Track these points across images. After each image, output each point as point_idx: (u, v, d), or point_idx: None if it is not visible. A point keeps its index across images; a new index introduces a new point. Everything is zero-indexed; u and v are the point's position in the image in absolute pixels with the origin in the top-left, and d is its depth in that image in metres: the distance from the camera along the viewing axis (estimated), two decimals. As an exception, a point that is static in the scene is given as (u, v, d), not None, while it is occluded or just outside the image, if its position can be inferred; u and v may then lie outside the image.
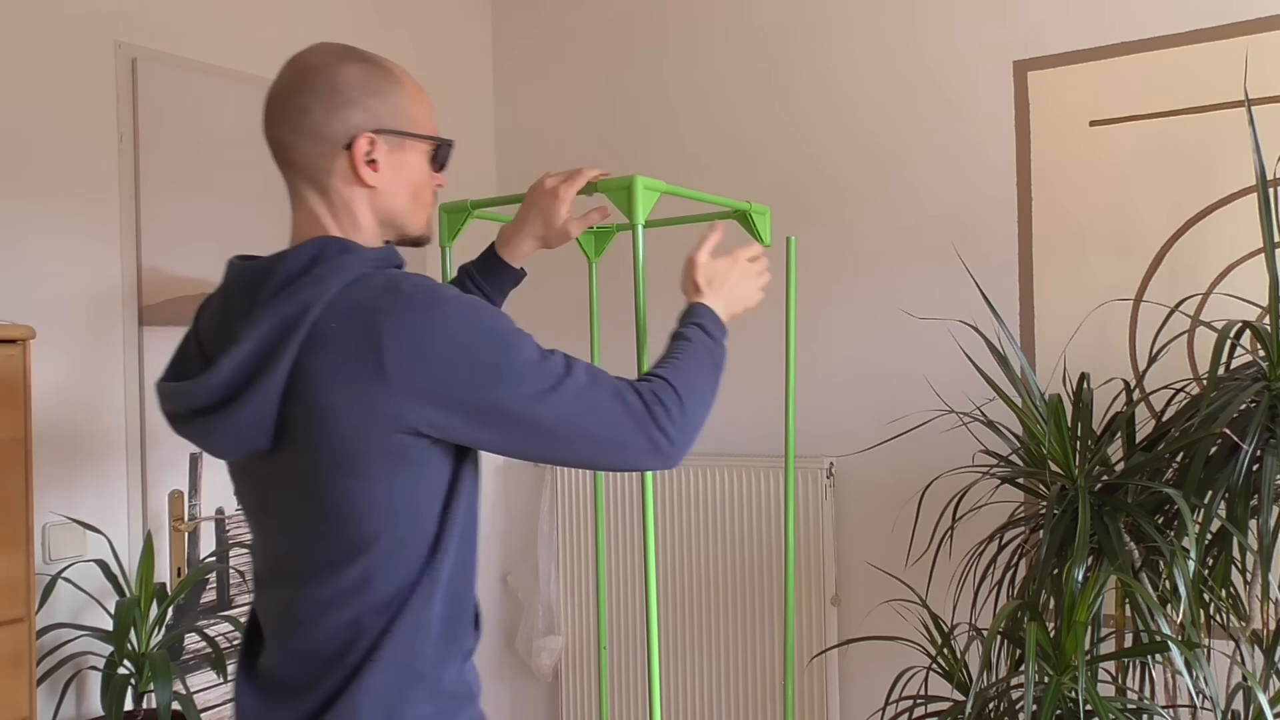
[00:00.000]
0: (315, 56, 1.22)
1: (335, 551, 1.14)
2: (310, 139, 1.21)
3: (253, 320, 1.13)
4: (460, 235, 1.88)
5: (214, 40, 2.49)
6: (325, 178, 1.24)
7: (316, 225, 1.26)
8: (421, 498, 1.18)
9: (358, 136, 1.21)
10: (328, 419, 1.09)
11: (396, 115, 1.25)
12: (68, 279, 2.20)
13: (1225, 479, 1.69)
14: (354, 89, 1.21)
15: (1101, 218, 2.32)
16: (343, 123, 1.21)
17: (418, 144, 1.29)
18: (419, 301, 1.14)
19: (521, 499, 3.23)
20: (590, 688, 2.97)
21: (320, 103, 1.19)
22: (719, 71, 2.86)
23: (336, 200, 1.25)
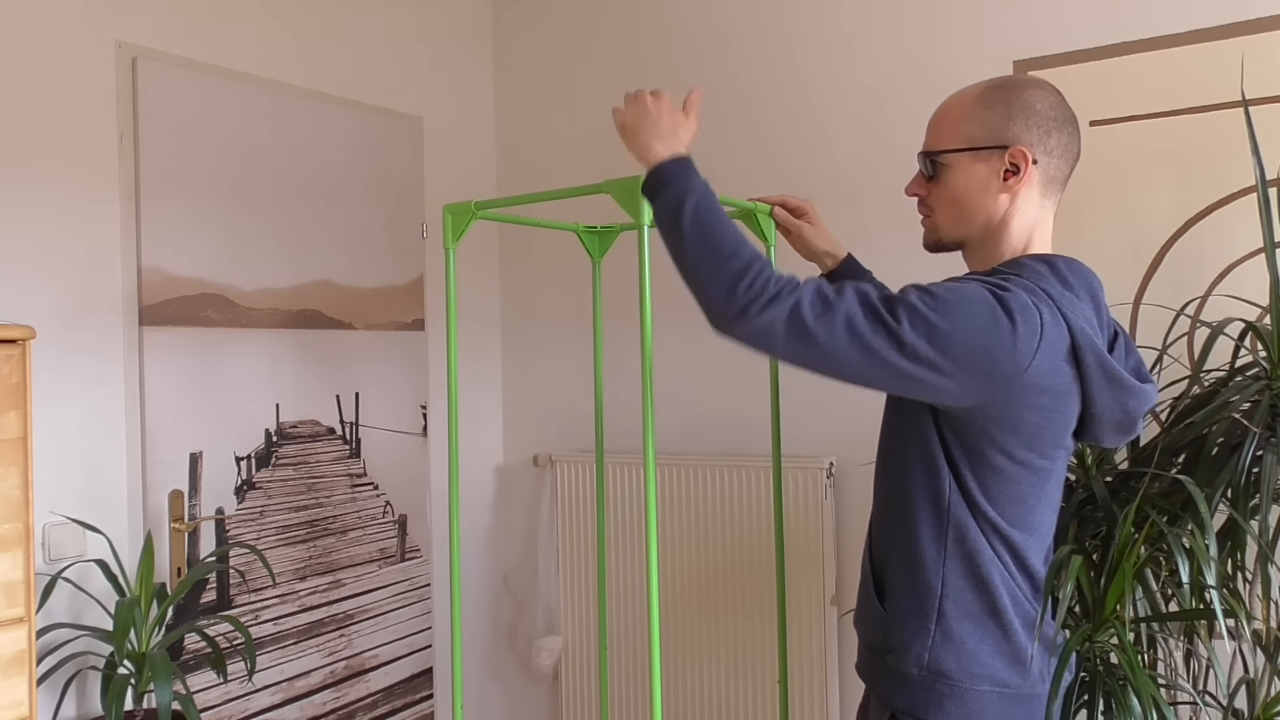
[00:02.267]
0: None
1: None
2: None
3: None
4: (464, 236, 1.87)
5: (214, 40, 2.49)
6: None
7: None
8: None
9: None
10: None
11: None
12: (68, 279, 2.19)
13: (1227, 477, 1.69)
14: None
15: (1102, 218, 2.32)
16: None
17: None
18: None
19: (521, 499, 3.23)
20: (590, 688, 2.97)
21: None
22: (720, 71, 2.86)
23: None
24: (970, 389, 1.28)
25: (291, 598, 2.61)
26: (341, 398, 2.77)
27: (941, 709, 1.35)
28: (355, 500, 2.80)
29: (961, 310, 1.27)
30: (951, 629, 1.36)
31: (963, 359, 1.26)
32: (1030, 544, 1.38)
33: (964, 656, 1.36)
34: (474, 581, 3.19)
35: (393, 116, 2.95)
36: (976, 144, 1.41)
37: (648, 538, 1.57)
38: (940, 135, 1.46)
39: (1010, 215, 1.42)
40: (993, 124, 1.40)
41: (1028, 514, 1.37)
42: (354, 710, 2.77)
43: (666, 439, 2.90)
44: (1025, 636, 1.36)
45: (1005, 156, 1.39)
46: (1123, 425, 1.37)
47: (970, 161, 1.41)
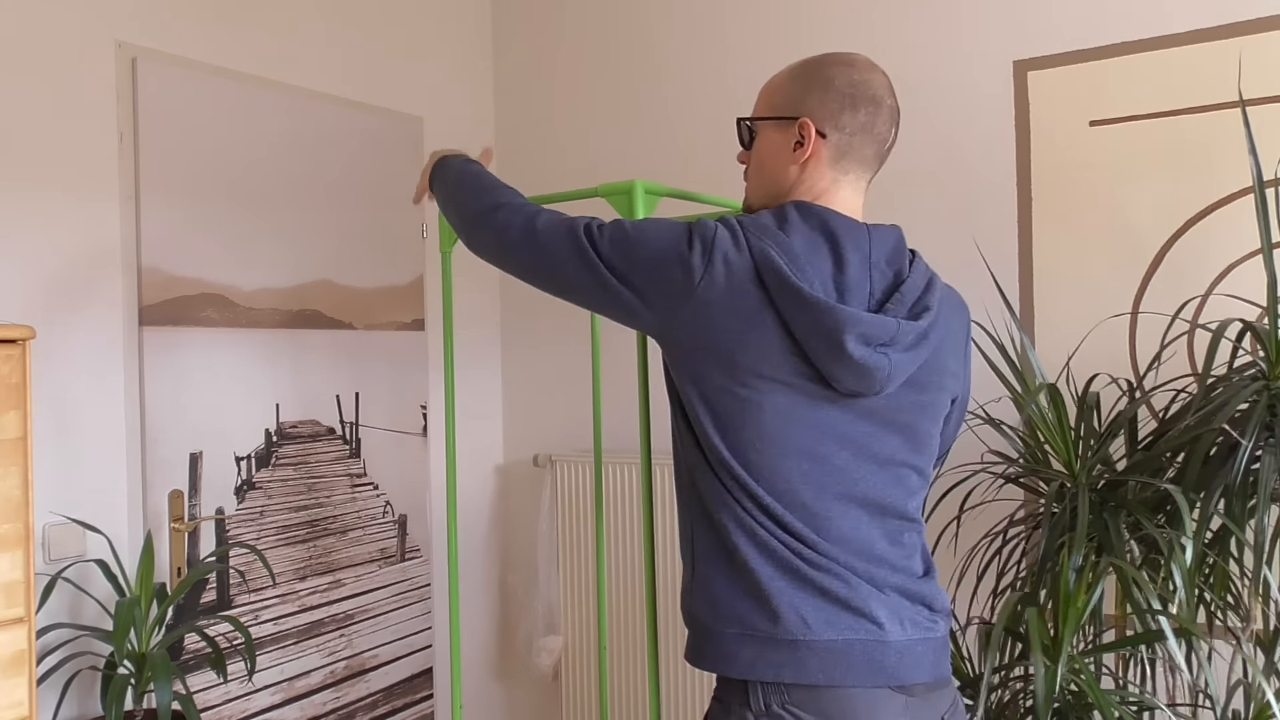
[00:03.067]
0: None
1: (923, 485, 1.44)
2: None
3: (933, 287, 1.40)
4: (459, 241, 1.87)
5: (214, 40, 2.49)
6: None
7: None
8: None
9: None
10: (951, 376, 1.44)
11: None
12: (68, 279, 2.20)
13: (1224, 478, 1.69)
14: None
15: (1101, 218, 2.32)
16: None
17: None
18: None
19: (521, 499, 3.23)
20: (590, 688, 2.97)
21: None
22: (719, 71, 2.86)
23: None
24: (657, 307, 1.35)
25: (291, 598, 2.62)
26: (341, 398, 2.78)
27: (700, 653, 1.38)
28: (355, 500, 2.80)
29: (650, 231, 1.38)
30: (701, 573, 1.39)
31: (644, 270, 1.35)
32: (764, 483, 1.34)
33: (711, 600, 1.37)
34: (474, 581, 3.19)
35: (393, 116, 2.95)
36: (777, 113, 1.45)
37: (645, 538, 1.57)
38: (758, 103, 1.51)
39: (796, 185, 1.43)
40: (792, 96, 1.44)
41: (748, 449, 1.34)
42: (354, 710, 2.77)
43: (666, 439, 2.90)
44: (770, 580, 1.33)
45: (795, 127, 1.42)
46: (833, 354, 1.30)
47: (771, 130, 1.46)
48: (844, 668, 1.31)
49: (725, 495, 1.35)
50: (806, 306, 1.30)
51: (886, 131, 1.44)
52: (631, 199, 1.60)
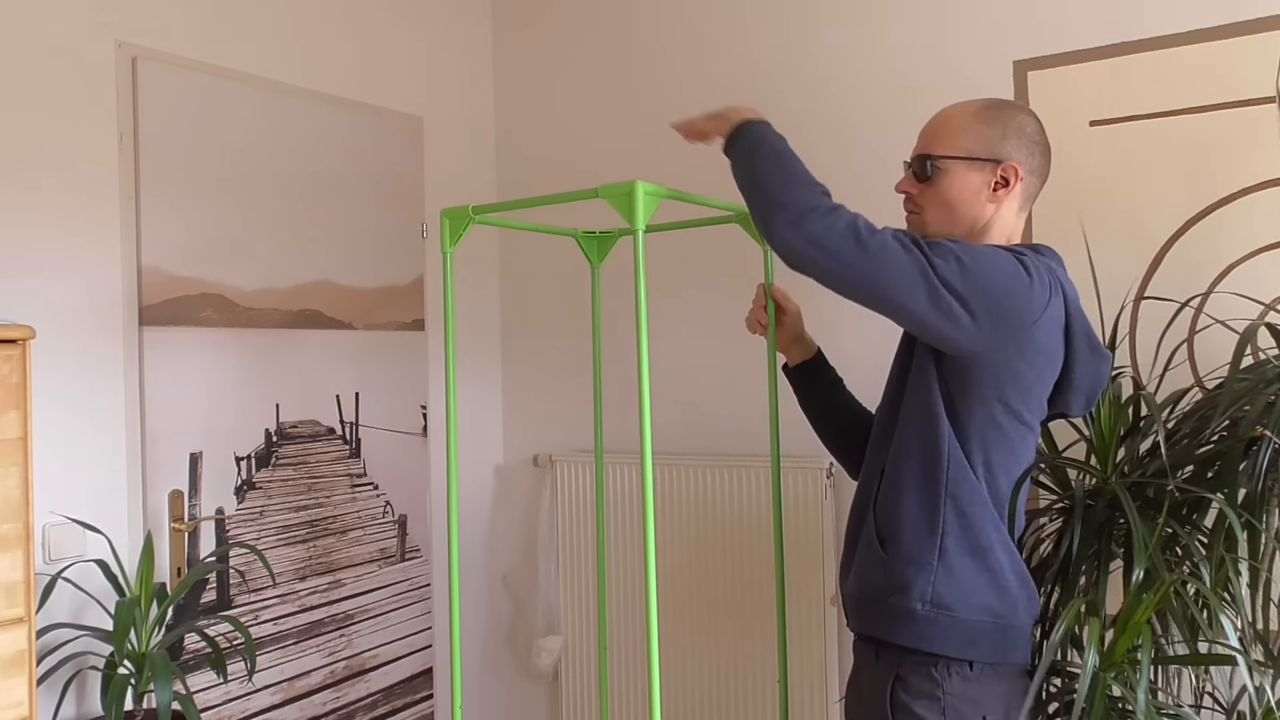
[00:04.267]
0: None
1: None
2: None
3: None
4: (461, 241, 1.87)
5: (214, 40, 2.49)
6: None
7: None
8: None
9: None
10: None
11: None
12: (68, 279, 2.19)
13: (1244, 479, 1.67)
14: None
15: (1101, 218, 2.32)
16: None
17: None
18: None
19: (521, 499, 3.23)
20: (590, 688, 2.97)
21: None
22: (718, 71, 2.86)
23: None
24: (985, 331, 1.44)
25: (291, 598, 2.61)
26: (341, 398, 2.78)
27: (945, 639, 1.49)
28: (355, 500, 2.80)
29: (988, 259, 1.45)
30: (952, 564, 1.51)
31: (985, 299, 1.42)
32: (1009, 492, 1.54)
33: (963, 590, 1.50)
34: (474, 581, 3.19)
35: (393, 116, 2.95)
36: (973, 154, 1.57)
37: (645, 538, 1.57)
38: (939, 142, 1.61)
39: (993, 222, 1.59)
40: (989, 139, 1.57)
41: (1014, 463, 1.53)
42: (354, 710, 2.77)
43: (666, 439, 2.90)
44: (1010, 572, 1.52)
45: (998, 170, 1.57)
46: (1091, 394, 1.56)
47: (966, 170, 1.58)
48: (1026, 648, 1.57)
49: (987, 501, 1.52)
50: (1098, 355, 1.54)
51: (1049, 173, 1.65)
52: (632, 200, 1.59)
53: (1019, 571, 1.54)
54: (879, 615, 1.56)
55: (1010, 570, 1.52)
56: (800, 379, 1.93)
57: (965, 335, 1.44)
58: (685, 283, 2.86)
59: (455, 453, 1.90)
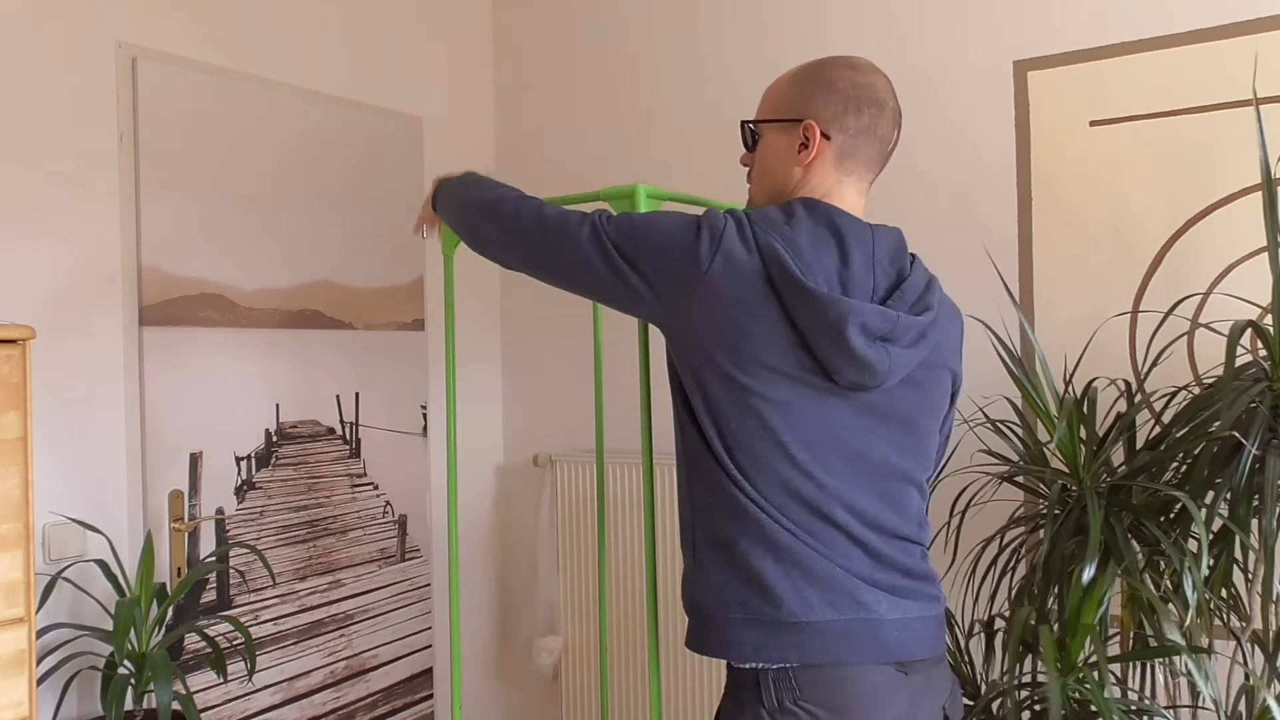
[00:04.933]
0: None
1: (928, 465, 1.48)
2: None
3: (932, 287, 1.44)
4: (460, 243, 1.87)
5: (214, 40, 2.49)
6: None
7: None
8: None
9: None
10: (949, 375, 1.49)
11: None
12: (68, 279, 2.20)
13: (1228, 480, 1.68)
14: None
15: (1101, 218, 2.32)
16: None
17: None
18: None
19: (521, 499, 3.23)
20: (590, 688, 2.97)
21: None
22: (720, 72, 2.86)
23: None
24: (664, 294, 1.37)
25: (291, 598, 2.61)
26: (341, 398, 2.78)
27: (705, 640, 1.41)
28: (355, 500, 2.80)
29: (659, 220, 1.40)
30: (701, 561, 1.42)
31: (650, 255, 1.37)
32: (762, 471, 1.36)
33: (712, 587, 1.40)
34: (474, 581, 3.19)
35: (393, 116, 2.95)
36: (779, 116, 1.48)
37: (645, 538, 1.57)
38: (760, 107, 1.54)
39: (801, 185, 1.46)
40: (796, 99, 1.47)
41: (751, 438, 1.36)
42: (354, 710, 2.77)
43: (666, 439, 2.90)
44: (770, 564, 1.35)
45: (800, 130, 1.45)
46: (836, 345, 1.33)
47: (775, 133, 1.49)
48: (845, 647, 1.35)
49: (727, 484, 1.37)
50: (810, 299, 1.33)
51: (889, 133, 1.47)
52: (634, 203, 1.59)
53: (788, 567, 1.35)
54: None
55: (774, 562, 1.35)
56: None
57: (644, 300, 1.39)
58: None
59: (455, 453, 1.90)
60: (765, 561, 1.36)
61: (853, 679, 1.34)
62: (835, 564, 1.36)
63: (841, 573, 1.36)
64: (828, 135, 1.43)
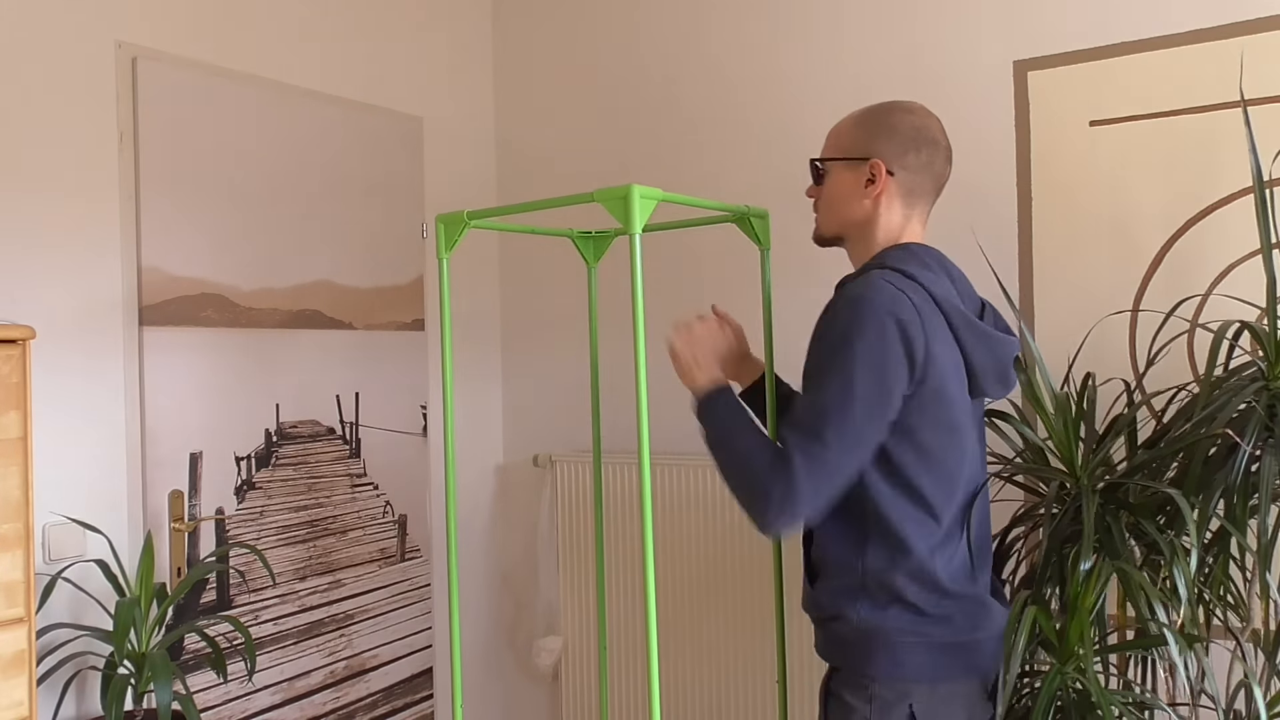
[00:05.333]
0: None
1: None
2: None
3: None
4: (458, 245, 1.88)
5: (214, 40, 2.49)
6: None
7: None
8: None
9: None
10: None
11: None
12: (68, 279, 2.20)
13: (1224, 479, 1.69)
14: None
15: (1101, 218, 2.32)
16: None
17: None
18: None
19: (521, 499, 3.23)
20: (590, 688, 2.97)
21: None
22: (718, 72, 2.86)
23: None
24: (900, 403, 1.51)
25: (291, 598, 2.62)
26: (341, 398, 2.78)
27: (872, 660, 1.55)
28: (355, 500, 2.80)
29: (860, 377, 1.49)
30: (875, 597, 1.56)
31: (880, 402, 1.49)
32: (948, 502, 1.56)
33: (890, 612, 1.55)
34: (474, 581, 3.19)
35: (392, 116, 2.95)
36: (846, 154, 1.66)
37: (644, 538, 1.58)
38: (825, 146, 1.72)
39: (875, 221, 1.65)
40: (860, 139, 1.65)
41: (948, 474, 1.56)
42: (354, 710, 2.77)
43: (666, 439, 2.90)
44: (938, 598, 1.54)
45: (867, 167, 1.63)
46: (1000, 375, 1.61)
47: (842, 170, 1.67)
48: (985, 659, 1.58)
49: (912, 519, 1.54)
50: (986, 337, 1.58)
51: (944, 169, 1.68)
52: (628, 203, 1.59)
53: (948, 589, 1.55)
54: (821, 637, 1.65)
55: (933, 598, 1.54)
56: (756, 399, 1.98)
57: (899, 408, 1.53)
58: (681, 280, 2.86)
59: (453, 453, 1.90)
60: (939, 589, 1.54)
61: (971, 692, 1.59)
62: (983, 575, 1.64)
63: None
64: (891, 172, 1.62)
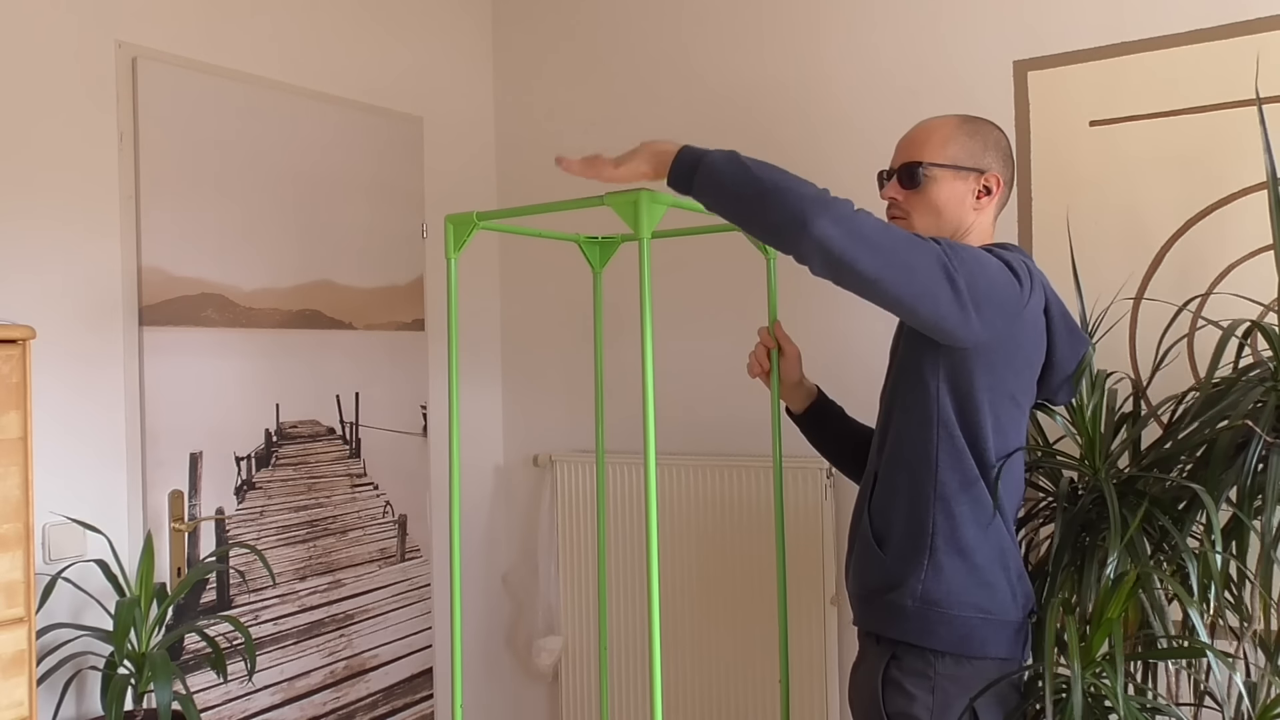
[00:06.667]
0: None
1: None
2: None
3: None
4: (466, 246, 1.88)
5: (214, 40, 2.49)
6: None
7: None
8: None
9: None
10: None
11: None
12: (68, 279, 2.19)
13: (1234, 476, 1.68)
14: None
15: (1102, 218, 2.32)
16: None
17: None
18: None
19: (521, 499, 3.23)
20: (590, 688, 2.97)
21: None
22: (718, 72, 2.86)
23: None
24: (989, 323, 1.52)
25: (291, 598, 2.61)
26: (341, 398, 2.77)
27: (934, 634, 1.58)
28: (355, 500, 2.80)
29: (983, 258, 1.54)
30: (941, 563, 1.58)
31: (989, 293, 1.51)
32: (1008, 481, 1.61)
33: (953, 587, 1.58)
34: (474, 581, 3.19)
35: (393, 116, 2.95)
36: (960, 164, 1.68)
37: (648, 538, 1.57)
38: (927, 150, 1.70)
39: (974, 226, 1.71)
40: (974, 151, 1.69)
41: (1007, 449, 1.61)
42: (354, 710, 2.77)
43: (666, 439, 2.90)
44: (998, 568, 1.60)
45: (982, 179, 1.69)
46: (1072, 375, 1.69)
47: (952, 178, 1.69)
48: (1027, 641, 1.66)
49: (979, 498, 1.59)
50: (1075, 335, 1.66)
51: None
52: (637, 208, 1.60)
53: (1008, 566, 1.62)
54: (877, 611, 1.66)
55: (998, 566, 1.60)
56: (809, 423, 2.01)
57: (972, 330, 1.51)
58: (685, 283, 2.86)
59: (456, 457, 1.90)
60: (999, 568, 1.60)
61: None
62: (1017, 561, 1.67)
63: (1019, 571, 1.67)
64: (1001, 186, 1.71)
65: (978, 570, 1.59)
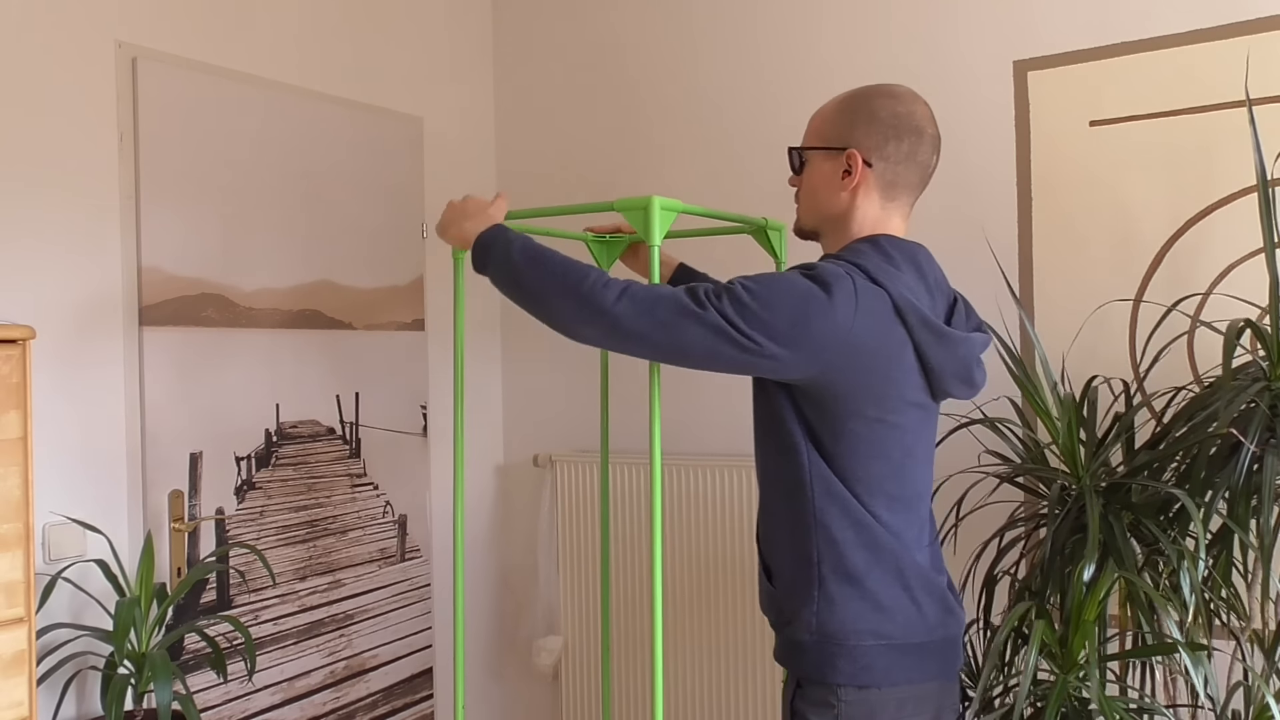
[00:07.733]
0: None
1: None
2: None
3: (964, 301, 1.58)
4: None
5: (214, 40, 2.49)
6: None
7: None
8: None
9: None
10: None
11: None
12: (68, 279, 2.20)
13: (1226, 479, 1.69)
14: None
15: (1101, 218, 2.32)
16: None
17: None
18: None
19: (521, 499, 3.23)
20: (591, 688, 2.97)
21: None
22: (718, 73, 2.86)
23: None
24: (805, 358, 1.40)
25: (291, 598, 2.61)
26: (341, 398, 2.78)
27: (834, 668, 1.46)
28: (355, 500, 2.80)
29: (778, 290, 1.40)
30: (832, 593, 1.46)
31: (790, 329, 1.38)
32: (899, 501, 1.49)
33: (847, 617, 1.46)
34: (474, 581, 3.19)
35: (392, 116, 2.95)
36: (826, 143, 1.54)
37: (652, 538, 1.58)
38: (808, 132, 1.60)
39: (851, 210, 1.53)
40: (840, 127, 1.54)
41: (894, 471, 1.48)
42: (354, 710, 2.77)
43: (667, 439, 2.90)
44: (902, 591, 1.47)
45: (843, 158, 1.51)
46: (962, 376, 1.49)
47: (820, 159, 1.55)
48: (951, 662, 1.51)
49: (864, 519, 1.46)
50: (945, 338, 1.45)
51: (929, 159, 1.55)
52: (648, 215, 1.60)
53: (909, 586, 1.48)
54: (781, 644, 1.56)
55: (897, 587, 1.47)
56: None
57: (788, 367, 1.41)
58: (685, 283, 2.86)
59: (461, 456, 1.90)
60: (896, 588, 1.47)
61: (946, 692, 1.52)
62: (936, 579, 1.51)
63: (938, 591, 1.51)
64: (869, 163, 1.50)
65: (871, 595, 1.46)
